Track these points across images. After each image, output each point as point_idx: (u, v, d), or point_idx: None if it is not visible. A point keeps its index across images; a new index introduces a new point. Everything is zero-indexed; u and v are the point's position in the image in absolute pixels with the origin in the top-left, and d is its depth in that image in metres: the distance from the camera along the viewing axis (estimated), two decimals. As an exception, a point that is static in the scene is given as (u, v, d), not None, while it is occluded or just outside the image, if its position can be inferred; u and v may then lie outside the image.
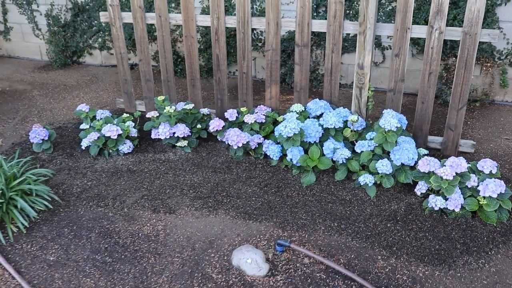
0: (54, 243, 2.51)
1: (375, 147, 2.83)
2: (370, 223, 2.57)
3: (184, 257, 2.36)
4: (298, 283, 2.16)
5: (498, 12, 3.94)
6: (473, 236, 2.45)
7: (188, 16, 3.50)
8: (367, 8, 3.02)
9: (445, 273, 2.21)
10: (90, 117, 3.45)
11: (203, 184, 2.99)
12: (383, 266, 2.26)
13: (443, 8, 2.92)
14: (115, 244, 2.47)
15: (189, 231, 2.56)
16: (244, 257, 2.26)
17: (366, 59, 3.15)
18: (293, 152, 2.95)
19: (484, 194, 2.45)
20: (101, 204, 2.83)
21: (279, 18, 3.28)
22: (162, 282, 2.21)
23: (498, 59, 4.11)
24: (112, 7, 3.73)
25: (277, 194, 2.87)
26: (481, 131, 3.74)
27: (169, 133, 3.29)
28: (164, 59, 3.74)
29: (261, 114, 3.31)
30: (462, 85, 3.07)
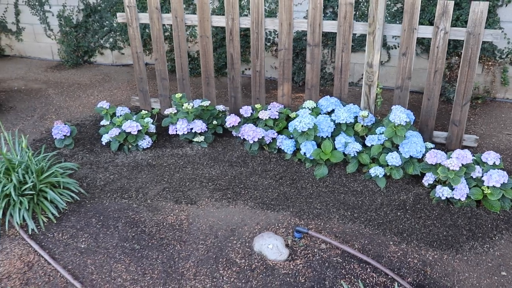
0: (83, 232, 2.66)
1: (384, 141, 2.99)
2: (381, 212, 2.73)
3: (208, 244, 2.52)
4: (316, 267, 2.32)
5: (499, 13, 4.11)
6: (478, 223, 2.61)
7: (204, 17, 3.66)
8: (376, 10, 3.18)
9: (452, 257, 2.37)
10: (110, 113, 3.61)
11: (221, 177, 3.15)
12: (395, 251, 2.42)
13: (448, 9, 3.08)
14: (141, 233, 2.63)
15: (211, 220, 2.72)
16: (265, 243, 2.42)
17: (375, 58, 3.31)
18: (306, 146, 3.11)
19: (488, 184, 2.61)
20: (124, 196, 2.98)
21: (291, 19, 3.44)
22: (189, 267, 2.36)
23: (499, 58, 4.27)
24: (129, 8, 3.88)
25: (292, 186, 3.03)
26: (484, 127, 3.90)
27: (186, 129, 3.44)
28: (179, 58, 3.90)
29: (275, 110, 3.47)
30: (466, 82, 3.23)
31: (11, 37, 6.36)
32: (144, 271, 2.34)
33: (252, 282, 2.24)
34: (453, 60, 4.37)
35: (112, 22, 5.68)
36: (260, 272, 2.30)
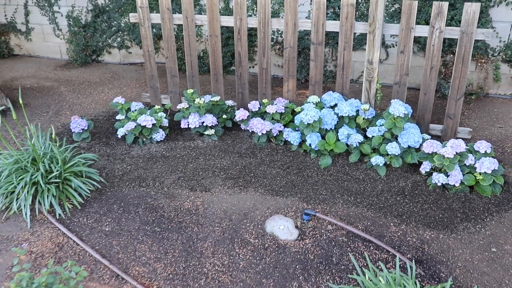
0: (106, 217, 2.87)
1: (384, 132, 3.22)
2: (382, 197, 2.96)
3: (223, 226, 2.74)
4: (324, 245, 2.55)
5: (491, 13, 4.34)
6: (471, 206, 2.84)
7: (213, 17, 3.87)
8: (376, 11, 3.41)
9: (448, 236, 2.60)
10: (125, 108, 3.81)
11: (231, 167, 3.37)
12: (395, 231, 2.65)
13: (443, 10, 3.31)
14: (161, 217, 2.84)
15: (225, 205, 2.93)
16: (277, 224, 2.64)
17: (375, 55, 3.54)
18: (312, 138, 3.33)
19: (480, 170, 2.84)
20: (142, 184, 3.20)
21: (296, 19, 3.66)
22: (207, 247, 2.58)
23: (491, 56, 4.51)
24: (141, 9, 4.09)
25: (299, 174, 3.25)
26: (477, 121, 4.13)
27: (198, 123, 3.66)
28: (189, 56, 4.11)
29: (281, 105, 3.69)
30: (460, 78, 3.46)
31: (20, 37, 6.56)
32: (166, 251, 2.56)
33: (266, 259, 2.46)
34: (448, 58, 4.60)
35: (120, 22, 5.89)
36: (273, 251, 2.52)
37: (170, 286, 2.30)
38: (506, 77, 4.58)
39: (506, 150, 3.57)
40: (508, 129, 3.96)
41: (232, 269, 2.40)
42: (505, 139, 3.76)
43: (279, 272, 2.37)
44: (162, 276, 2.37)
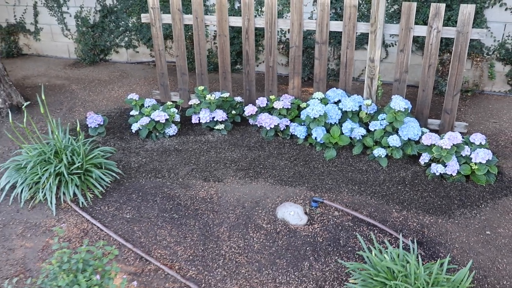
0: (126, 205, 3.06)
1: (386, 126, 3.42)
2: (384, 186, 3.17)
3: (237, 213, 2.94)
4: (331, 229, 2.75)
5: (486, 14, 4.56)
6: (467, 194, 3.05)
7: (222, 18, 4.07)
8: (377, 12, 3.61)
9: (446, 220, 2.81)
10: (138, 105, 4.01)
11: (241, 159, 3.57)
12: (397, 217, 2.85)
13: (440, 11, 3.52)
14: (178, 205, 3.04)
15: (237, 194, 3.13)
16: (287, 210, 2.84)
17: (377, 54, 3.75)
18: (317, 131, 3.53)
19: (476, 160, 3.05)
20: (158, 175, 3.39)
21: (302, 20, 3.86)
22: (223, 231, 2.78)
23: (486, 54, 4.73)
24: (153, 10, 4.28)
25: (305, 166, 3.45)
26: (473, 116, 4.35)
27: (209, 118, 3.86)
28: (199, 55, 4.31)
29: (287, 101, 3.89)
30: (456, 75, 3.67)
31: (29, 37, 6.73)
32: (184, 235, 2.75)
33: (278, 242, 2.66)
34: (444, 57, 4.82)
35: (128, 22, 6.07)
36: (284, 234, 2.72)
37: (191, 267, 2.50)
38: (500, 74, 4.80)
39: (500, 144, 3.78)
40: (502, 124, 4.17)
41: (247, 251, 2.60)
42: (499, 133, 3.97)
43: (291, 253, 2.57)
44: (183, 258, 2.57)
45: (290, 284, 2.36)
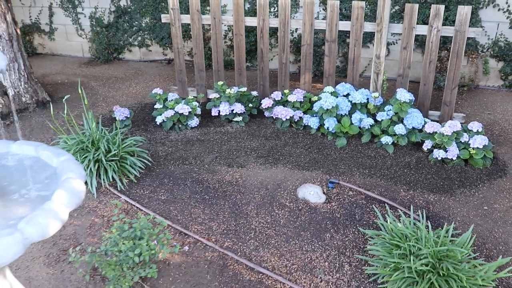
0: (160, 189, 3.39)
1: (392, 116, 3.77)
2: (391, 170, 3.52)
3: (261, 193, 3.27)
4: (347, 206, 3.09)
5: (481, 14, 4.93)
6: (466, 176, 3.41)
7: (239, 18, 4.40)
8: (383, 12, 3.96)
9: (448, 198, 3.16)
10: (162, 98, 4.33)
11: (260, 148, 3.90)
12: (405, 195, 3.20)
13: (440, 12, 3.87)
14: (207, 188, 3.37)
15: (260, 178, 3.47)
16: (307, 191, 3.18)
17: (382, 51, 4.10)
18: (329, 122, 3.88)
19: (474, 145, 3.41)
20: (185, 162, 3.72)
21: (313, 20, 4.20)
22: (251, 209, 3.11)
23: (481, 52, 5.10)
24: (173, 10, 4.60)
25: (319, 153, 3.79)
26: (469, 109, 4.72)
27: (228, 110, 4.19)
28: (216, 53, 4.63)
29: (300, 95, 4.23)
30: (455, 70, 4.03)
31: (44, 37, 7.01)
32: (217, 213, 3.08)
33: (301, 218, 3.00)
34: (443, 54, 5.18)
35: (141, 22, 6.38)
36: (306, 211, 3.06)
37: (226, 239, 2.83)
38: (494, 70, 5.17)
39: (494, 132, 4.14)
40: (496, 115, 4.54)
41: (274, 225, 2.93)
42: (494, 124, 4.34)
43: (314, 227, 2.91)
44: (218, 232, 2.90)
45: (315, 251, 2.70)
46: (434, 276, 2.17)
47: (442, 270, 2.20)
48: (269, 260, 2.64)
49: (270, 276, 2.51)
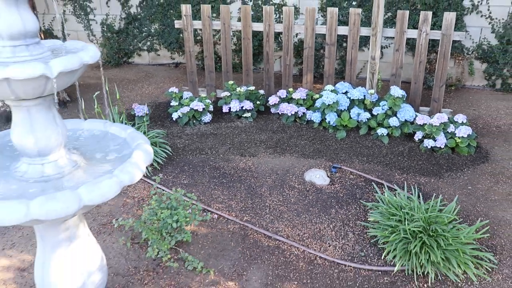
0: (182, 174, 3.79)
1: (386, 110, 4.22)
2: (387, 158, 3.95)
3: (273, 178, 3.69)
4: (348, 187, 3.52)
5: (465, 20, 5.41)
6: (453, 162, 3.86)
7: (247, 24, 4.84)
8: (377, 18, 4.42)
9: (437, 180, 3.60)
10: (178, 97, 4.74)
11: (268, 140, 4.32)
12: (399, 178, 3.64)
13: (428, 17, 4.34)
14: (223, 173, 3.78)
15: (270, 165, 3.89)
16: (313, 174, 3.60)
17: (377, 53, 4.55)
18: (330, 116, 4.31)
19: (459, 135, 3.86)
20: (202, 153, 4.13)
21: (314, 25, 4.65)
22: (264, 191, 3.53)
23: (466, 54, 5.58)
24: (186, 17, 5.03)
25: (321, 144, 4.22)
26: (456, 105, 5.18)
27: (238, 107, 4.61)
28: (225, 55, 5.06)
29: (303, 93, 4.66)
30: (442, 70, 4.49)
31: (56, 42, 7.40)
32: (234, 194, 3.50)
33: (309, 197, 3.42)
34: (432, 57, 5.65)
35: (150, 28, 6.80)
36: (313, 192, 3.48)
37: (244, 214, 3.24)
38: (479, 71, 5.65)
39: (478, 126, 4.60)
40: (480, 111, 5.01)
41: (286, 203, 3.35)
42: (478, 118, 4.80)
43: (320, 204, 3.33)
44: (237, 208, 3.31)
45: (322, 223, 3.12)
46: (425, 236, 2.59)
47: (431, 231, 2.63)
48: (284, 230, 3.05)
49: (285, 242, 2.92)
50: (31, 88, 1.50)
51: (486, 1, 5.31)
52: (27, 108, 1.64)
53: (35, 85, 1.49)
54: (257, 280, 2.63)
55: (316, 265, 2.74)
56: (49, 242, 1.85)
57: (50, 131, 1.70)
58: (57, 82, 1.53)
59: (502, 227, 3.04)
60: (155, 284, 2.60)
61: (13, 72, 1.41)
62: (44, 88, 1.54)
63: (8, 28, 1.52)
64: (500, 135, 4.39)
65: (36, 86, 1.50)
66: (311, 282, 2.61)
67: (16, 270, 2.73)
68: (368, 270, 2.69)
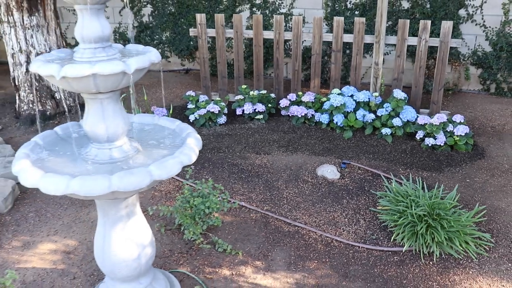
0: (203, 170, 4.10)
1: (390, 111, 4.56)
2: (391, 155, 4.28)
3: (287, 173, 4.00)
4: (358, 181, 3.84)
5: (461, 28, 5.78)
6: (452, 158, 4.19)
7: (258, 32, 5.18)
8: (381, 27, 4.78)
9: (438, 174, 3.93)
10: (195, 100, 5.06)
11: (280, 140, 4.64)
12: (403, 172, 3.96)
13: (427, 26, 4.70)
14: (241, 170, 4.09)
15: (284, 162, 4.20)
16: (325, 169, 3.92)
17: (380, 58, 4.90)
18: (338, 117, 4.64)
19: (457, 133, 4.20)
20: (220, 151, 4.44)
21: (321, 33, 5.00)
22: (280, 184, 3.84)
23: (463, 60, 5.94)
24: (200, 25, 5.36)
25: (330, 143, 4.55)
26: (453, 108, 5.53)
27: (251, 109, 4.93)
28: (237, 62, 5.40)
29: (311, 97, 5.00)
30: (440, 74, 4.84)
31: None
32: (253, 187, 3.80)
33: (322, 189, 3.74)
34: (430, 63, 6.01)
35: (162, 36, 7.14)
36: (325, 185, 3.80)
37: (264, 204, 3.55)
38: (474, 76, 6.01)
39: (475, 126, 4.95)
40: (476, 113, 5.36)
41: (301, 195, 3.67)
42: (474, 119, 5.15)
43: (333, 195, 3.65)
44: (257, 200, 3.62)
45: (336, 212, 3.43)
46: (430, 219, 2.91)
47: (435, 215, 2.95)
48: (301, 218, 3.36)
49: (304, 228, 3.23)
50: (111, 83, 1.81)
51: (480, 11, 5.69)
52: (101, 100, 1.96)
53: (114, 80, 1.81)
54: (281, 260, 2.93)
55: (333, 247, 3.05)
56: (111, 217, 2.15)
57: (118, 120, 2.01)
58: (129, 79, 1.85)
59: (497, 214, 3.36)
60: (190, 264, 2.90)
61: (99, 69, 1.73)
62: (119, 83, 1.85)
63: (91, 34, 1.84)
64: (495, 134, 4.73)
65: (114, 80, 1.81)
66: (330, 261, 2.92)
67: (62, 252, 3.02)
68: (379, 250, 3.00)
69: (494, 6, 5.62)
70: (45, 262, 2.93)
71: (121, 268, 2.22)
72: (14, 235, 3.22)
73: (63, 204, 3.59)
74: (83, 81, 1.76)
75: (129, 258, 2.21)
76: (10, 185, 3.62)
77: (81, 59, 1.89)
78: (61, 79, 1.73)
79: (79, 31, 1.87)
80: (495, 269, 2.82)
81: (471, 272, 2.80)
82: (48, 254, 3.01)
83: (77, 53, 1.93)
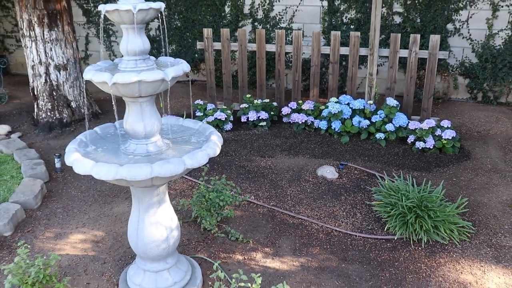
0: (212, 172, 4.47)
1: (383, 118, 4.96)
2: (385, 157, 4.67)
3: (290, 173, 4.38)
4: (354, 180, 4.22)
5: (449, 41, 6.23)
6: (440, 160, 4.59)
7: (261, 45, 5.60)
8: (374, 40, 5.20)
9: (427, 174, 4.32)
10: (203, 108, 5.45)
11: (283, 144, 5.03)
12: (396, 172, 4.35)
13: (417, 39, 5.13)
14: (248, 171, 4.46)
15: (287, 164, 4.58)
16: (325, 170, 4.31)
17: (374, 69, 5.32)
18: (335, 124, 5.04)
19: (445, 137, 4.60)
20: (227, 155, 4.81)
21: (320, 46, 5.43)
22: (284, 183, 4.21)
23: (451, 71, 6.38)
24: (207, 39, 5.78)
25: (328, 147, 4.94)
26: (443, 115, 5.94)
27: (255, 117, 5.33)
28: (241, 73, 5.80)
29: (311, 105, 5.40)
30: (430, 83, 5.26)
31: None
32: (260, 185, 4.18)
33: (322, 188, 4.12)
34: (420, 73, 6.45)
35: (168, 49, 7.55)
36: (325, 184, 4.18)
37: (270, 201, 3.92)
38: (462, 86, 6.45)
39: (462, 131, 5.36)
40: (463, 120, 5.77)
41: (304, 192, 4.04)
42: (462, 125, 5.56)
43: (332, 193, 4.03)
44: (263, 196, 3.99)
45: (335, 207, 3.81)
46: (418, 210, 3.29)
47: (423, 207, 3.33)
48: (304, 212, 3.74)
49: (306, 220, 3.61)
50: (151, 88, 2.20)
51: (467, 25, 6.14)
52: (140, 103, 2.34)
53: (154, 85, 2.19)
54: (287, 247, 3.30)
55: (333, 236, 3.42)
56: (145, 204, 2.52)
57: (153, 120, 2.39)
58: (167, 85, 2.23)
59: (480, 208, 3.75)
60: (206, 251, 3.26)
61: (144, 76, 2.11)
62: (158, 88, 2.24)
63: (135, 48, 2.23)
64: (480, 139, 5.14)
65: (154, 86, 2.20)
66: (330, 248, 3.29)
67: (91, 242, 3.38)
68: (374, 239, 3.37)
69: (479, 21, 6.08)
70: (76, 250, 3.28)
71: (152, 248, 2.58)
72: (46, 227, 3.57)
73: (87, 201, 3.95)
74: (130, 87, 2.14)
75: (160, 239, 2.57)
76: (39, 184, 3.97)
77: (126, 68, 2.28)
78: (112, 85, 2.11)
79: (124, 45, 2.26)
80: (475, 253, 3.20)
81: (454, 256, 3.17)
82: (79, 243, 3.36)
83: (121, 64, 2.32)
